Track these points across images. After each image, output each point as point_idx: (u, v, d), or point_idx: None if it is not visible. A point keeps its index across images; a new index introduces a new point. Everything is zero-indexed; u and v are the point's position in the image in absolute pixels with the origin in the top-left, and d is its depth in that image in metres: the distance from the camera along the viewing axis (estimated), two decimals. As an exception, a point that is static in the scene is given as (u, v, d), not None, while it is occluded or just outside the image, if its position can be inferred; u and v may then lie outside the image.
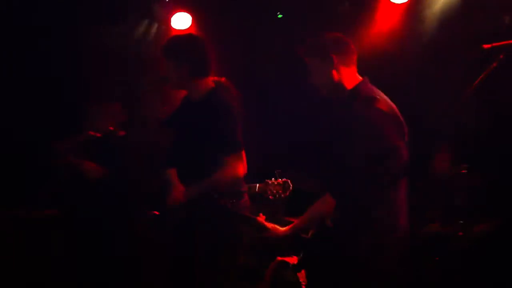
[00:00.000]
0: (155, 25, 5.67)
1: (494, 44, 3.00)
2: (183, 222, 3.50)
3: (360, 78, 2.97)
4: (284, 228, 3.05)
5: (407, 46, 5.12)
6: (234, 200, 3.40)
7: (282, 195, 3.49)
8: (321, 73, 2.93)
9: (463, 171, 4.27)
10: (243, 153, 3.48)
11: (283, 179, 3.50)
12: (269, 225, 3.10)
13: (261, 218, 3.15)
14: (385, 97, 2.90)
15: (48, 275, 4.72)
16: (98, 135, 4.26)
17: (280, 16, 5.73)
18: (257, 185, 3.53)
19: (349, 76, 2.95)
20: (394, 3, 5.16)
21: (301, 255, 3.15)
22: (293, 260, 4.66)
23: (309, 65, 2.99)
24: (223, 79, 3.69)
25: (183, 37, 3.76)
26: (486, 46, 3.01)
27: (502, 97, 4.44)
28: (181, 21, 5.51)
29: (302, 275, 4.35)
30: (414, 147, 2.94)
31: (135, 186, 4.16)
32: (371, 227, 2.76)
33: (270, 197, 3.52)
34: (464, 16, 4.81)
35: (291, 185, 3.47)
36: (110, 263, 4.25)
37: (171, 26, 5.51)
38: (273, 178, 3.50)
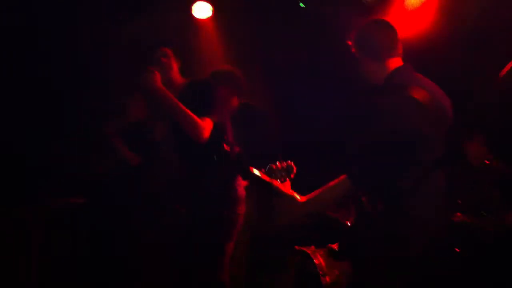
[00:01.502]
0: (175, 14, 5.64)
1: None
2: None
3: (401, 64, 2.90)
4: (306, 200, 2.91)
5: (446, 33, 5.00)
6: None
7: (287, 179, 3.46)
8: (371, 70, 2.90)
9: (495, 162, 4.22)
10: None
11: (287, 162, 3.43)
12: (287, 192, 3.00)
13: (279, 184, 3.08)
14: (427, 85, 2.82)
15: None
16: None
17: (302, 5, 5.67)
18: (262, 170, 3.51)
19: (393, 65, 2.89)
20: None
21: (340, 243, 3.10)
22: (311, 250, 4.65)
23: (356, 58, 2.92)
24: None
25: None
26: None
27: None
28: (202, 10, 5.49)
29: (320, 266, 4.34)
30: (450, 135, 2.86)
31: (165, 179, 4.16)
32: (395, 218, 2.70)
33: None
34: (496, 6, 4.70)
35: (294, 167, 3.38)
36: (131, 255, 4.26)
37: (192, 15, 5.48)
38: (277, 162, 3.45)
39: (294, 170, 3.35)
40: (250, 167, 3.13)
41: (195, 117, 3.38)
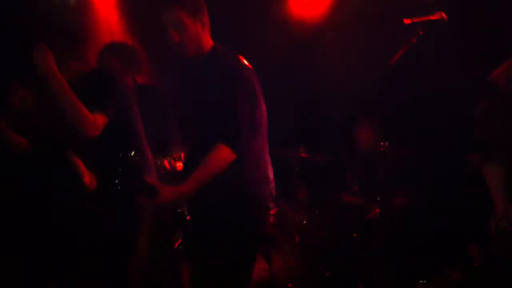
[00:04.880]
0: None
1: (414, 20, 3.03)
2: None
3: (212, 41, 3.04)
4: (184, 186, 2.87)
5: (330, 20, 5.11)
6: None
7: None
8: (192, 32, 2.94)
9: (383, 147, 4.36)
10: None
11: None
12: (163, 187, 2.87)
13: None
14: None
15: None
16: None
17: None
18: (166, 160, 3.40)
19: (208, 39, 3.04)
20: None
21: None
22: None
23: (177, 18, 2.92)
24: None
25: None
26: (406, 21, 3.03)
27: (420, 72, 4.53)
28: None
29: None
30: (340, 121, 2.95)
31: None
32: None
33: (161, 170, 3.42)
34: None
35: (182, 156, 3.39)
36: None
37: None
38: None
39: (182, 158, 3.32)
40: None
41: (84, 110, 3.06)
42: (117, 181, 2.87)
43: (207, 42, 3.03)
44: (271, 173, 3.04)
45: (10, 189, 4.02)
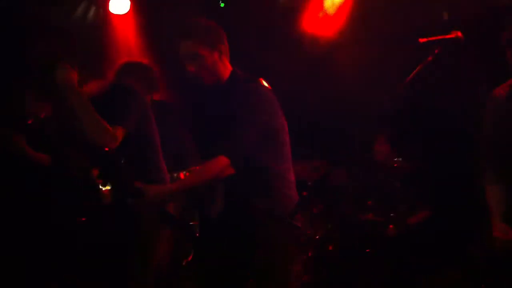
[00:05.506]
0: (93, 8, 5.50)
1: (430, 39, 3.05)
2: None
3: (231, 67, 3.09)
4: (169, 185, 3.04)
5: (347, 39, 5.16)
6: None
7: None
8: (209, 62, 2.99)
9: (397, 163, 4.37)
10: None
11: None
12: (148, 186, 2.95)
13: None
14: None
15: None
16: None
17: (222, 4, 5.66)
18: (182, 173, 3.42)
19: (227, 67, 3.08)
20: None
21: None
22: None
23: (194, 50, 2.98)
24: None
25: None
26: (422, 40, 3.06)
27: (436, 90, 4.55)
28: (120, 5, 5.37)
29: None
30: (355, 136, 2.98)
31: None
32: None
33: None
34: (403, 10, 4.88)
35: None
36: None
37: (109, 11, 5.36)
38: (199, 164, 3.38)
39: None
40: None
41: (104, 122, 3.09)
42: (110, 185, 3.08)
43: (226, 69, 3.07)
44: (294, 191, 3.06)
45: (10, 189, 4.08)
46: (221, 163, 2.85)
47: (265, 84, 3.08)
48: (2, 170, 4.07)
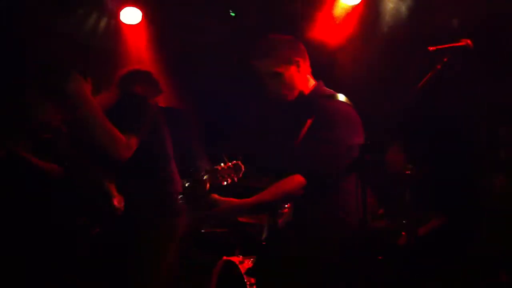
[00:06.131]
0: (105, 19, 5.56)
1: (439, 47, 3.07)
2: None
3: (315, 81, 3.05)
4: (244, 200, 2.91)
5: (357, 48, 5.18)
6: None
7: (235, 178, 3.35)
8: (287, 78, 2.96)
9: (410, 170, 4.37)
10: None
11: (233, 162, 3.35)
12: (224, 198, 2.93)
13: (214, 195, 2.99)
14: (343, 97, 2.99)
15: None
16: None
17: (233, 14, 5.70)
18: (205, 175, 3.40)
19: (308, 79, 3.05)
20: (345, 4, 5.21)
21: (255, 259, 3.09)
22: (239, 260, 4.66)
23: (270, 68, 2.97)
24: None
25: None
26: (431, 48, 3.07)
27: (446, 98, 4.56)
28: (131, 16, 5.42)
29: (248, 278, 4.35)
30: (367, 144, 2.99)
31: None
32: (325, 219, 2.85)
33: (222, 182, 3.34)
34: (412, 18, 4.90)
35: (242, 166, 3.33)
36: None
37: (120, 21, 5.41)
38: (222, 164, 3.34)
39: (242, 169, 3.31)
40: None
41: (117, 132, 3.13)
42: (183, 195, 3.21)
43: (306, 82, 3.03)
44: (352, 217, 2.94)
45: (10, 189, 4.11)
46: (296, 181, 2.79)
47: (345, 99, 3.01)
48: (2, 170, 4.12)
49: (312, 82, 3.07)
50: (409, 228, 4.34)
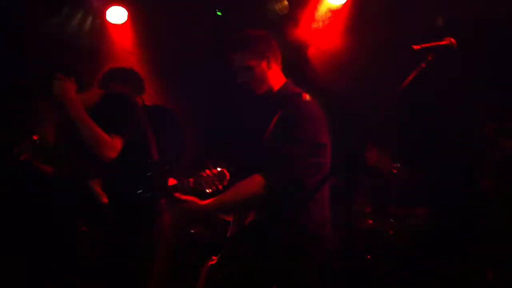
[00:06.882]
0: (90, 18, 5.53)
1: (423, 45, 3.07)
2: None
3: (285, 78, 3.05)
4: (206, 201, 2.91)
5: (341, 47, 5.19)
6: None
7: (220, 186, 3.33)
8: (257, 72, 2.98)
9: (395, 169, 4.40)
10: None
11: (217, 169, 3.25)
12: (188, 197, 2.95)
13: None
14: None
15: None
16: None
17: (219, 13, 5.69)
18: (190, 180, 3.38)
19: (278, 75, 3.04)
20: (331, 4, 5.21)
21: (220, 254, 3.08)
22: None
23: (242, 62, 2.98)
24: None
25: None
26: (415, 47, 3.08)
27: (429, 97, 4.58)
28: (117, 15, 5.40)
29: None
30: (352, 144, 2.98)
31: None
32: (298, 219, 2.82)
33: (207, 190, 3.23)
34: (396, 17, 4.92)
35: (227, 174, 3.23)
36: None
37: (106, 20, 5.38)
38: (206, 170, 3.26)
39: (227, 177, 3.23)
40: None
41: (102, 133, 3.16)
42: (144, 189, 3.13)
43: (277, 78, 3.03)
44: (327, 211, 2.95)
45: (10, 189, 4.09)
46: (255, 182, 2.78)
47: (309, 100, 2.98)
48: (2, 170, 4.11)
49: (282, 79, 3.07)
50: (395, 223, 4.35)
